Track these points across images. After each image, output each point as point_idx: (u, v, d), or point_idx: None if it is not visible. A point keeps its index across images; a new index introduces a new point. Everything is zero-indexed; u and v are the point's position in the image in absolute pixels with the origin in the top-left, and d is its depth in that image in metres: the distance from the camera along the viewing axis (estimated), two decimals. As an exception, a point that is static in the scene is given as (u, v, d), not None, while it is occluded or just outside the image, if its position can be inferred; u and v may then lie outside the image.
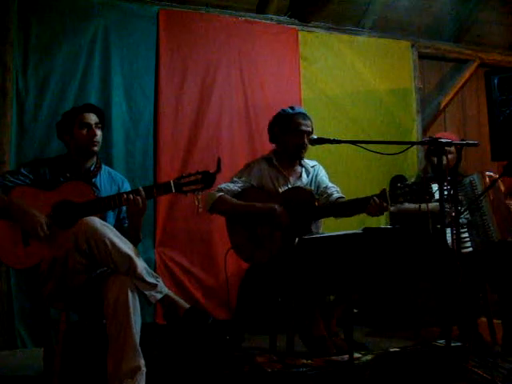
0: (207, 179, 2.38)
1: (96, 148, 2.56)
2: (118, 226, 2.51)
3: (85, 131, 2.53)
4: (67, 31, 3.61)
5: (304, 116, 3.02)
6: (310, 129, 2.99)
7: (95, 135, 2.54)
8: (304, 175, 3.08)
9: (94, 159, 2.62)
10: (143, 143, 3.76)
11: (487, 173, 3.15)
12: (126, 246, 2.21)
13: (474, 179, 3.13)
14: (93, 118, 2.56)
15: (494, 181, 2.98)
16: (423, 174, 3.48)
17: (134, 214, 2.44)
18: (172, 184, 2.38)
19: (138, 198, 2.37)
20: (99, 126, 2.58)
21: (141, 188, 2.41)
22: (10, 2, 3.49)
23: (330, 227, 3.20)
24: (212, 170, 2.40)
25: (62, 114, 2.64)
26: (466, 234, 3.11)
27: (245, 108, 4.04)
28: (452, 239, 2.84)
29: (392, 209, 3.27)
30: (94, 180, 2.59)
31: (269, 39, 4.17)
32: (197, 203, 2.39)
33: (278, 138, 3.04)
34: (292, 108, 3.07)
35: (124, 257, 2.17)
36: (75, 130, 2.54)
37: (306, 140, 2.95)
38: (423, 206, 3.07)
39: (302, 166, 3.11)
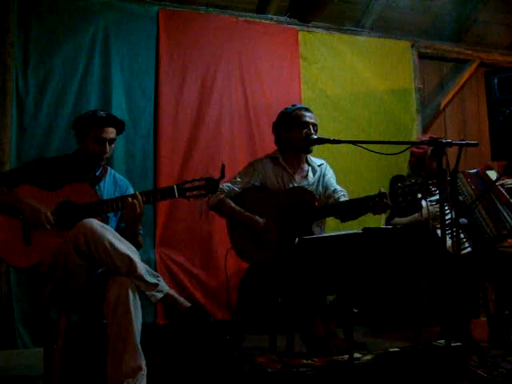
0: (211, 185, 2.38)
1: (103, 162, 2.55)
2: (120, 230, 2.49)
3: (97, 145, 2.49)
4: (67, 31, 3.61)
5: (306, 109, 3.02)
6: (314, 121, 2.97)
7: (105, 152, 2.50)
8: (310, 174, 3.05)
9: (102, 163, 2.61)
10: (143, 143, 3.76)
11: (467, 171, 3.17)
12: (125, 247, 2.20)
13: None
14: (109, 134, 2.50)
15: (492, 182, 2.99)
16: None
17: (130, 219, 2.42)
18: (175, 189, 2.38)
19: (135, 202, 2.36)
20: (114, 140, 2.53)
21: (138, 193, 2.40)
22: (10, 2, 3.49)
23: (331, 227, 3.20)
24: (216, 177, 2.39)
25: (80, 117, 2.56)
26: (463, 235, 3.11)
27: (245, 108, 4.04)
28: (452, 241, 2.84)
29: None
30: (98, 184, 2.58)
31: (269, 39, 4.16)
32: (199, 210, 2.39)
33: (285, 136, 3.00)
34: (293, 105, 3.08)
35: (124, 258, 2.16)
36: (88, 141, 2.50)
37: (312, 131, 2.93)
38: (413, 217, 3.11)
39: (308, 164, 3.08)
